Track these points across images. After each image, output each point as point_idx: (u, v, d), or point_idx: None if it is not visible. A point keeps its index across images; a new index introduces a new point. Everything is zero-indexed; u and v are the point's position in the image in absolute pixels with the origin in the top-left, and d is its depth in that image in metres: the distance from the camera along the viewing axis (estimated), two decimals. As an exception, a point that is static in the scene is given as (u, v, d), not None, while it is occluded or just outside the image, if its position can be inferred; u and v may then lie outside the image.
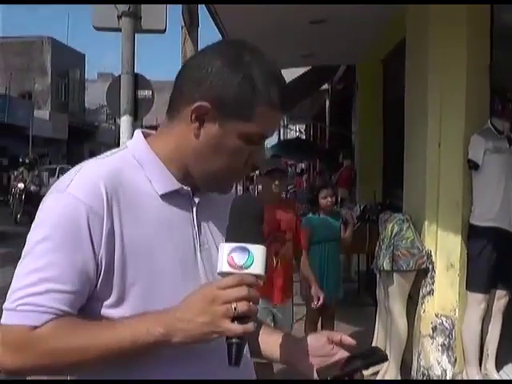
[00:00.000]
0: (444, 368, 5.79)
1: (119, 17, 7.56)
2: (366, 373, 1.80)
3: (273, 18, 7.64)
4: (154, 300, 1.53)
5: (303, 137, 28.93)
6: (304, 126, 30.00)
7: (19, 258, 1.52)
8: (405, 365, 5.98)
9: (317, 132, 23.91)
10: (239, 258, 1.44)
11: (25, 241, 1.53)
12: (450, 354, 5.79)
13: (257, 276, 1.44)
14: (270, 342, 1.80)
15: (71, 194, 1.49)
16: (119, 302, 1.52)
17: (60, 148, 44.42)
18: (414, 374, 5.96)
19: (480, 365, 5.82)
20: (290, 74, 10.82)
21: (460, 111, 5.82)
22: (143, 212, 1.56)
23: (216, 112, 1.55)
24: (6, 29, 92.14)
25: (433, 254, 5.83)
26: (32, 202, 18.44)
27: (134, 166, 1.61)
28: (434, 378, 5.79)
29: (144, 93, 7.82)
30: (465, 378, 5.75)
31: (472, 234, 5.75)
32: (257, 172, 5.99)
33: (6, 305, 1.46)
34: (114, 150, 1.71)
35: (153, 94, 7.91)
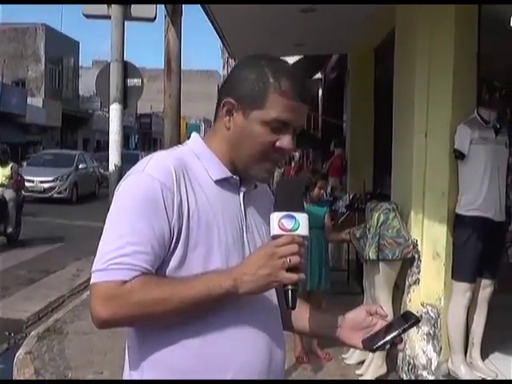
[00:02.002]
0: (429, 357, 5.82)
1: (109, 4, 7.55)
2: (351, 361, 1.99)
3: (263, 6, 7.60)
4: (208, 267, 1.82)
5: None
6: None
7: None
8: (390, 354, 6.01)
9: (310, 121, 23.87)
10: (288, 223, 1.78)
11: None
12: (435, 343, 5.82)
13: (303, 237, 1.79)
14: (316, 320, 2.13)
15: (148, 173, 1.82)
16: (180, 265, 1.82)
17: (54, 135, 44.36)
18: (400, 363, 6.00)
19: (465, 353, 5.86)
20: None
21: (447, 101, 5.82)
22: (202, 192, 1.87)
23: (240, 105, 1.89)
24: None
25: (419, 243, 5.84)
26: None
27: (193, 158, 1.94)
28: (420, 367, 5.82)
29: (133, 81, 7.82)
30: (450, 366, 5.79)
31: (458, 224, 5.77)
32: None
33: (96, 267, 1.76)
34: (176, 147, 2.03)
35: (142, 81, 7.91)
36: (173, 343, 1.83)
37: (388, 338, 1.88)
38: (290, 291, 1.76)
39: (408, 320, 1.94)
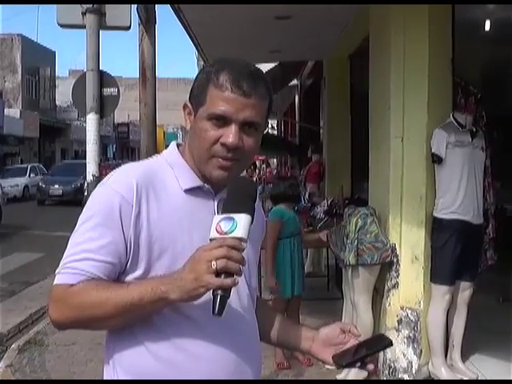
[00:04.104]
0: (410, 360, 5.85)
1: (84, 14, 7.54)
2: (332, 366, 2.03)
3: (238, 13, 7.62)
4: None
5: (275, 132, 28.93)
6: (276, 122, 30.00)
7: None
8: (371, 357, 6.02)
9: (288, 127, 23.96)
10: (224, 226, 1.74)
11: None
12: (415, 346, 5.85)
13: (240, 239, 1.72)
14: (290, 332, 2.18)
15: (110, 187, 1.89)
16: (145, 274, 1.87)
17: (32, 146, 44.11)
18: (381, 367, 6.02)
19: (446, 355, 5.89)
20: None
21: (422, 106, 5.85)
22: (169, 203, 1.90)
23: (192, 106, 1.95)
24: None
25: (397, 247, 5.87)
26: None
27: (166, 168, 1.97)
28: (400, 370, 5.85)
29: (109, 90, 7.79)
30: (431, 369, 5.83)
31: (436, 227, 5.81)
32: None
33: (56, 270, 1.87)
34: (152, 157, 2.08)
35: (118, 91, 7.88)
36: (141, 350, 1.88)
37: (358, 356, 1.92)
38: (217, 296, 1.70)
39: (381, 342, 2.02)
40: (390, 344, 2.03)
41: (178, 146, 2.06)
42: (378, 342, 2.01)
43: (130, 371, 1.88)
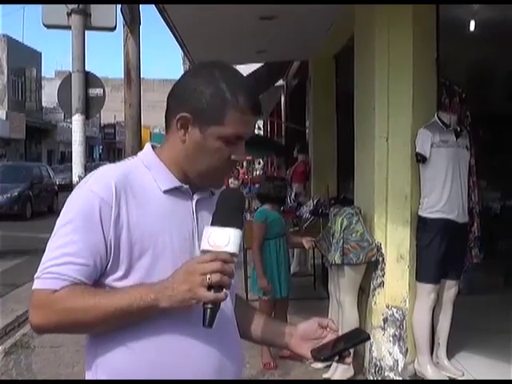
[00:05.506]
0: (396, 358, 5.87)
1: (69, 14, 7.52)
2: (319, 365, 2.06)
3: (223, 13, 7.62)
4: (155, 274, 1.86)
5: (261, 133, 28.95)
6: (262, 122, 30.03)
7: None
8: (357, 356, 6.05)
9: (274, 128, 23.98)
10: (217, 239, 1.77)
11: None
12: (401, 344, 5.87)
13: (232, 254, 1.77)
14: (269, 329, 2.20)
15: (89, 188, 1.87)
16: (126, 275, 1.87)
17: (18, 148, 43.93)
18: (367, 365, 6.05)
19: (431, 353, 5.92)
20: (242, 71, 10.75)
21: (407, 105, 5.87)
22: (148, 204, 1.91)
23: (196, 120, 1.91)
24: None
25: (383, 246, 5.90)
26: None
27: (143, 169, 1.97)
28: (386, 369, 5.87)
29: (95, 91, 7.78)
30: (416, 367, 5.86)
31: (421, 226, 5.83)
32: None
33: (36, 275, 1.84)
34: (128, 158, 2.08)
35: (104, 91, 7.87)
36: (124, 351, 1.88)
37: (336, 350, 1.95)
38: (208, 309, 1.75)
39: (358, 336, 2.05)
40: (368, 338, 2.07)
41: (153, 147, 2.06)
42: (356, 336, 2.04)
43: (113, 374, 1.88)
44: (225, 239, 1.77)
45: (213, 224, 1.82)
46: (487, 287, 8.55)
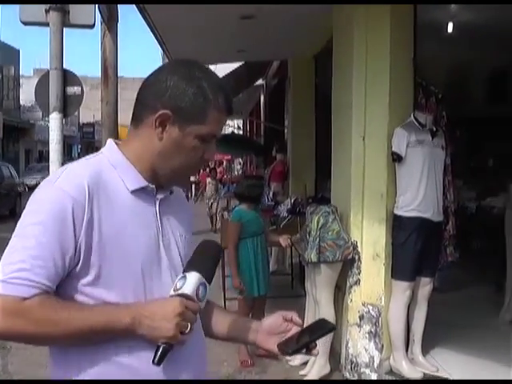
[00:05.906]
0: (371, 355, 5.93)
1: (47, 11, 7.48)
2: (295, 363, 2.06)
3: (203, 13, 7.62)
4: (126, 279, 1.85)
5: (241, 132, 28.98)
6: (241, 122, 30.06)
7: None
8: (333, 353, 6.11)
9: (253, 127, 24.00)
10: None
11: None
12: (377, 341, 5.93)
13: (185, 296, 1.81)
14: (234, 326, 2.20)
15: (60, 188, 1.80)
16: (96, 279, 1.81)
17: (-5, 147, 43.55)
18: (343, 362, 6.10)
19: (407, 350, 5.99)
20: (222, 70, 10.84)
21: (384, 105, 5.93)
22: (117, 205, 1.87)
23: (176, 118, 1.90)
24: None
25: (359, 244, 5.96)
26: None
27: (109, 168, 1.92)
28: (362, 365, 5.93)
29: (73, 89, 7.73)
30: (392, 363, 5.93)
31: (397, 224, 5.90)
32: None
33: (1, 277, 1.72)
34: (91, 155, 2.01)
35: (82, 90, 7.83)
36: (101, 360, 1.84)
37: (302, 343, 1.97)
38: (162, 347, 1.78)
39: (323, 327, 2.05)
40: (333, 328, 2.09)
41: (116, 143, 2.01)
42: (321, 327, 2.05)
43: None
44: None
45: (194, 267, 1.87)
46: (462, 285, 8.66)
